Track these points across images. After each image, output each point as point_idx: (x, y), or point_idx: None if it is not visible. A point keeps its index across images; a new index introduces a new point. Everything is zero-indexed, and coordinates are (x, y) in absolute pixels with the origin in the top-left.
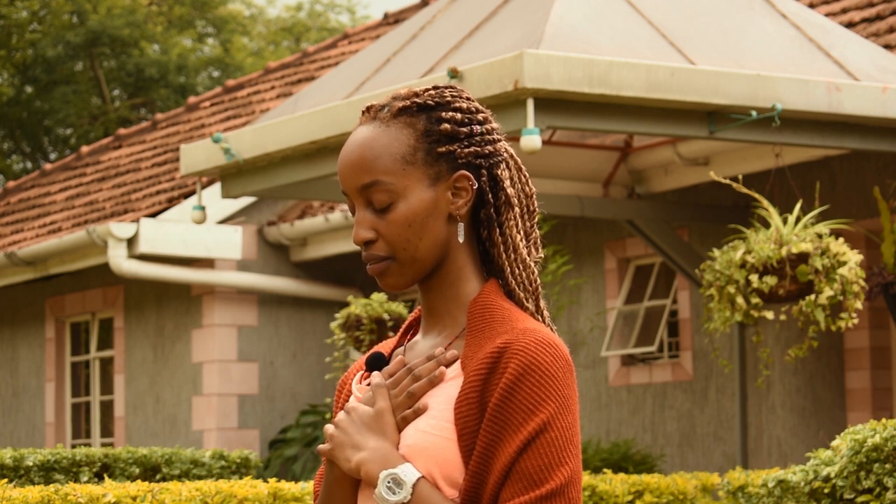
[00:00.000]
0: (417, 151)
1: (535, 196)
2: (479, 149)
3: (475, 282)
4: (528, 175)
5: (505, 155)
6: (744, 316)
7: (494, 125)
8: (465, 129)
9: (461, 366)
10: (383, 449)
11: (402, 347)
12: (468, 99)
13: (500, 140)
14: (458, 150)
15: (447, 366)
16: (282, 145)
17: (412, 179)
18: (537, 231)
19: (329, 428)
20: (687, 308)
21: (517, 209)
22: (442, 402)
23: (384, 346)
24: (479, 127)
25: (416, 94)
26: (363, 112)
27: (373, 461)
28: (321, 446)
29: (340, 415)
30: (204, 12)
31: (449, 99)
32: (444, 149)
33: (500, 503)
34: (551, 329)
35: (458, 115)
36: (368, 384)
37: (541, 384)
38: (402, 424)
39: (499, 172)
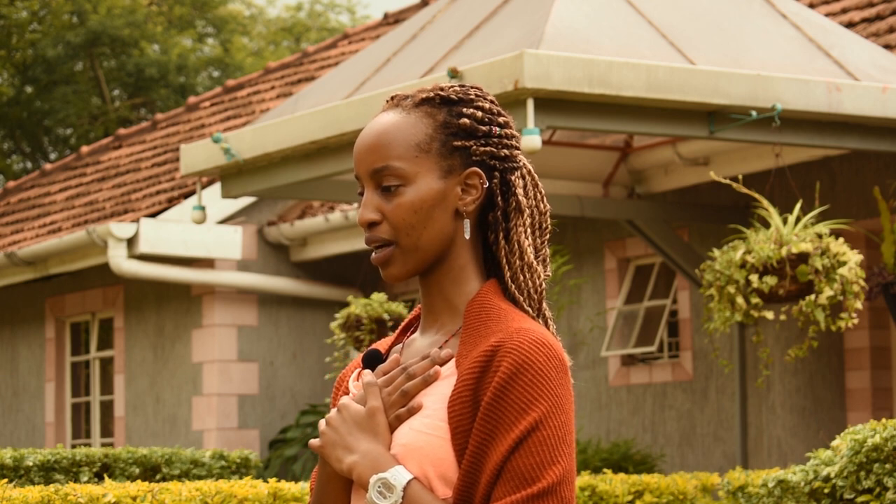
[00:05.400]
0: (433, 141)
1: (549, 214)
2: (495, 150)
3: (476, 283)
4: (544, 193)
5: (521, 165)
6: (744, 316)
7: (515, 133)
8: (483, 128)
9: (455, 364)
10: (374, 451)
11: (400, 345)
12: (492, 102)
13: (517, 148)
14: (474, 146)
15: (441, 364)
16: (282, 145)
17: (423, 168)
18: (548, 249)
19: (322, 424)
20: (687, 308)
21: (528, 219)
22: (436, 400)
23: (382, 344)
24: (498, 129)
25: (441, 89)
26: (387, 101)
27: (363, 465)
28: (313, 441)
29: (332, 412)
30: (204, 12)
31: (473, 97)
32: (459, 143)
33: (492, 502)
34: (553, 334)
35: (479, 114)
36: None
37: (533, 383)
38: (395, 423)
39: (512, 178)
